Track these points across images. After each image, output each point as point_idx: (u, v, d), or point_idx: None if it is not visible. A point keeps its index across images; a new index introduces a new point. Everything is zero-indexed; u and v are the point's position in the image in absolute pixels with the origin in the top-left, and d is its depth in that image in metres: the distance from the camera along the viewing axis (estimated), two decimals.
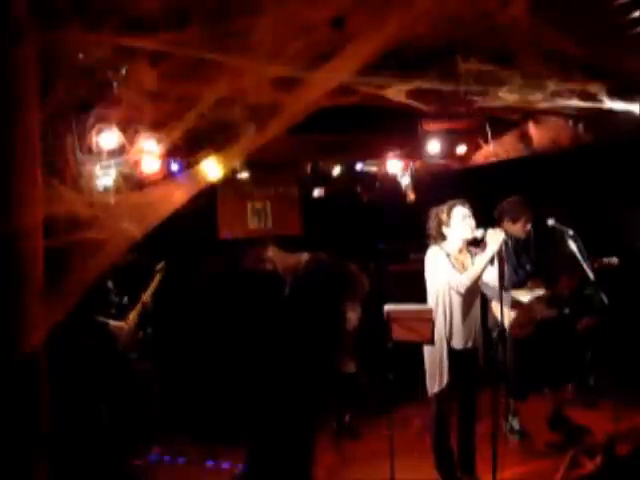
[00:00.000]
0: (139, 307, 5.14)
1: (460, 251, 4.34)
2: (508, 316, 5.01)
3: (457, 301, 4.24)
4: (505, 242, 4.12)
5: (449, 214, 4.28)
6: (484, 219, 4.52)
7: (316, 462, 2.65)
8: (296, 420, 2.49)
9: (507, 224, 5.22)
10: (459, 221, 4.26)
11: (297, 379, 2.47)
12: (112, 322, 4.96)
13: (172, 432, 5.52)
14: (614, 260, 5.20)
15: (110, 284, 5.00)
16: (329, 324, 2.58)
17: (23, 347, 2.51)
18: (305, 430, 2.51)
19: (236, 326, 5.49)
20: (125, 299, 5.12)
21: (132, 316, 5.09)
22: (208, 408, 5.53)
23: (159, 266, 5.34)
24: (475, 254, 4.36)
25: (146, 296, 5.19)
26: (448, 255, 4.26)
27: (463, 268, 4.29)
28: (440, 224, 4.32)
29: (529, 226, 5.26)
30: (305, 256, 2.91)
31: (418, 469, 4.44)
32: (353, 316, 3.83)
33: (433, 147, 6.81)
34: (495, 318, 5.02)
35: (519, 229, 5.23)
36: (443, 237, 4.33)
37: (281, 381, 2.53)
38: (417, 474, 4.42)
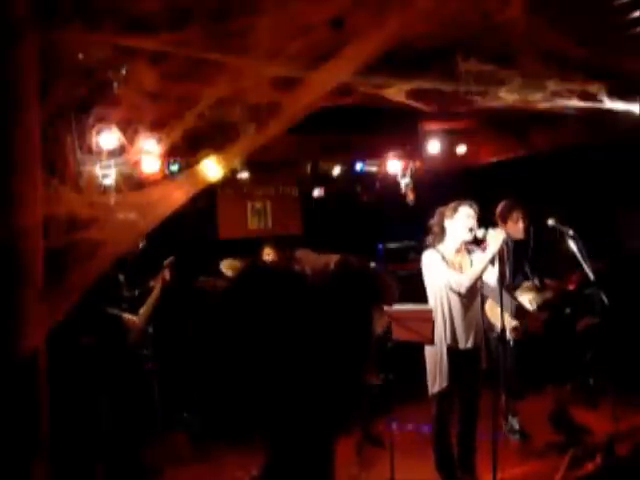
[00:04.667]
0: (151, 301, 5.09)
1: (457, 252, 4.34)
2: (507, 319, 5.02)
3: (456, 302, 4.24)
4: (506, 242, 4.13)
5: (455, 209, 4.30)
6: (484, 219, 4.52)
7: (336, 468, 2.64)
8: (317, 428, 2.48)
9: (501, 226, 5.22)
10: (462, 218, 4.27)
11: (318, 386, 2.45)
12: (126, 315, 4.92)
13: (173, 432, 5.52)
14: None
15: (122, 278, 4.94)
16: (356, 331, 2.55)
17: (23, 347, 2.51)
18: (327, 436, 2.49)
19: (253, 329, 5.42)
20: (136, 293, 5.08)
21: (143, 311, 5.05)
22: (215, 408, 5.52)
23: (167, 261, 5.27)
24: (473, 251, 4.37)
25: (156, 290, 5.13)
26: (443, 257, 4.27)
27: (460, 269, 4.29)
28: (443, 218, 4.34)
29: (522, 224, 5.26)
30: (335, 258, 2.87)
31: (418, 469, 4.44)
32: (378, 324, 3.77)
33: (433, 147, 6.82)
34: (488, 320, 5.01)
35: (512, 228, 5.23)
36: (443, 232, 4.33)
37: (300, 387, 2.51)
38: (417, 474, 4.42)
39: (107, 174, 4.55)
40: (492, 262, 4.17)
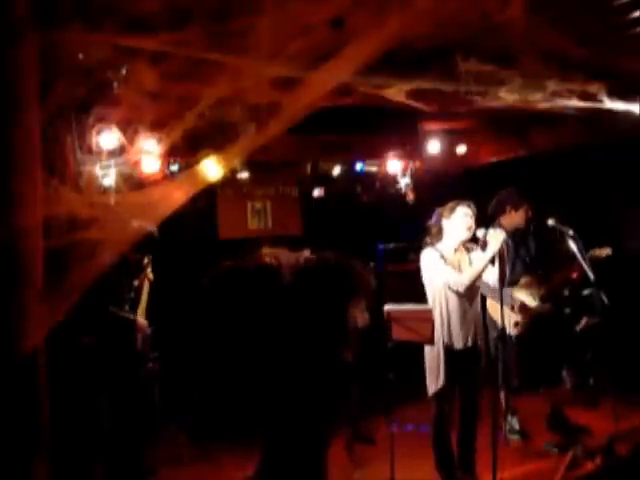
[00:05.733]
0: (143, 302, 5.13)
1: (455, 251, 4.34)
2: (508, 316, 5.03)
3: (454, 301, 4.24)
4: (506, 242, 4.13)
5: (452, 209, 4.30)
6: (484, 219, 4.53)
7: (329, 468, 2.64)
8: (309, 422, 2.48)
9: (509, 213, 5.24)
10: (460, 217, 4.27)
11: (302, 379, 2.46)
12: (138, 318, 4.96)
13: (172, 432, 5.52)
14: (607, 250, 5.17)
15: (124, 281, 4.98)
16: (330, 321, 2.56)
17: (23, 347, 2.51)
18: (318, 434, 2.50)
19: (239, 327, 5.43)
20: (131, 295, 5.11)
21: (140, 312, 5.09)
22: (210, 409, 5.52)
23: (145, 261, 5.27)
24: (472, 250, 4.37)
25: (145, 289, 5.17)
26: (442, 256, 4.27)
27: (459, 268, 4.29)
28: (441, 218, 4.34)
29: (529, 214, 5.27)
30: (306, 253, 2.89)
31: (418, 469, 4.44)
32: (360, 315, 3.84)
33: (433, 147, 6.81)
34: (492, 317, 5.03)
35: (520, 218, 5.24)
36: (440, 232, 4.33)
37: (288, 382, 2.52)
38: (417, 474, 4.42)
39: (107, 174, 4.55)
40: (492, 261, 4.17)
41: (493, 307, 4.93)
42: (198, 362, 5.62)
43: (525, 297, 5.16)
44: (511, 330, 5.07)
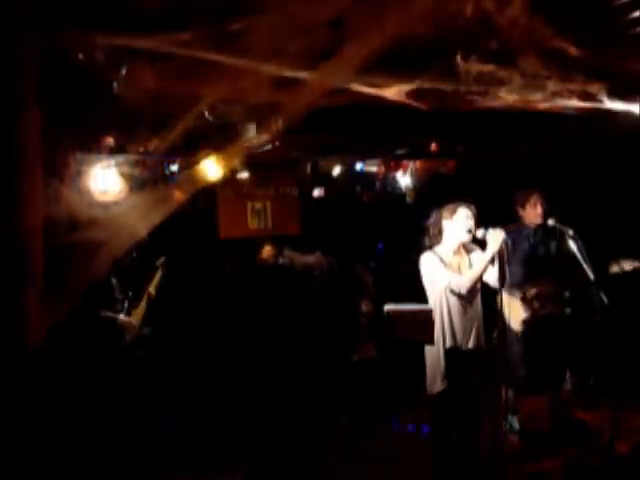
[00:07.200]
0: (144, 303, 5.19)
1: (455, 253, 4.33)
2: (517, 312, 5.05)
3: (455, 303, 4.23)
4: (505, 242, 4.12)
5: (454, 211, 4.29)
6: (483, 219, 4.52)
7: (322, 463, 2.66)
8: (311, 419, 2.50)
9: (521, 212, 5.27)
10: (461, 219, 4.26)
11: (315, 372, 2.48)
12: (121, 317, 5.00)
13: (171, 431, 5.52)
14: (636, 264, 5.26)
15: (114, 281, 5.05)
16: (350, 318, 2.62)
17: (24, 345, 2.52)
18: (316, 427, 2.52)
19: (256, 321, 5.42)
20: (129, 295, 5.16)
21: (137, 313, 5.14)
22: (211, 408, 5.53)
23: (160, 261, 5.37)
24: (472, 250, 4.36)
25: (151, 290, 5.25)
26: (441, 259, 4.26)
27: (459, 270, 4.29)
28: (441, 219, 4.33)
29: (540, 209, 5.31)
30: (319, 256, 2.95)
31: (418, 469, 4.44)
32: (365, 310, 3.92)
33: (432, 147, 6.80)
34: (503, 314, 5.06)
35: (531, 213, 5.28)
36: (440, 233, 4.33)
37: (299, 375, 2.54)
38: (417, 474, 4.42)
39: (107, 174, 4.57)
40: (492, 262, 4.16)
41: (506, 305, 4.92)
42: (203, 359, 5.65)
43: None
44: (517, 326, 5.07)
